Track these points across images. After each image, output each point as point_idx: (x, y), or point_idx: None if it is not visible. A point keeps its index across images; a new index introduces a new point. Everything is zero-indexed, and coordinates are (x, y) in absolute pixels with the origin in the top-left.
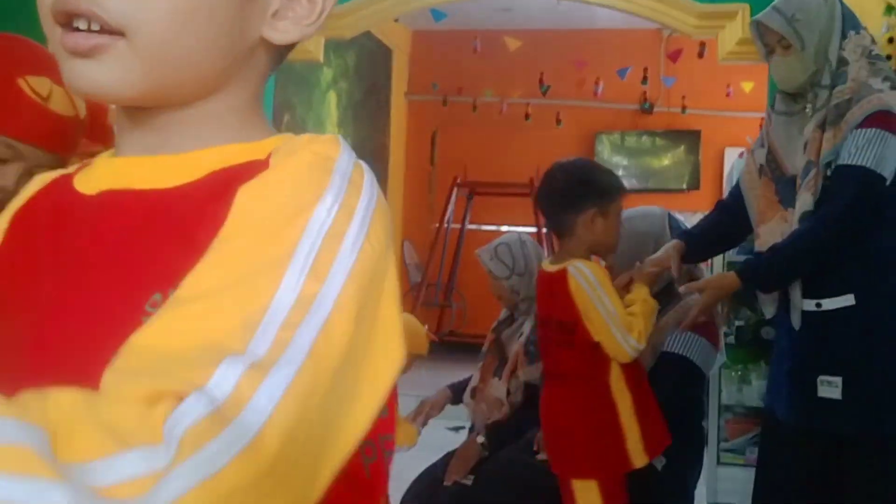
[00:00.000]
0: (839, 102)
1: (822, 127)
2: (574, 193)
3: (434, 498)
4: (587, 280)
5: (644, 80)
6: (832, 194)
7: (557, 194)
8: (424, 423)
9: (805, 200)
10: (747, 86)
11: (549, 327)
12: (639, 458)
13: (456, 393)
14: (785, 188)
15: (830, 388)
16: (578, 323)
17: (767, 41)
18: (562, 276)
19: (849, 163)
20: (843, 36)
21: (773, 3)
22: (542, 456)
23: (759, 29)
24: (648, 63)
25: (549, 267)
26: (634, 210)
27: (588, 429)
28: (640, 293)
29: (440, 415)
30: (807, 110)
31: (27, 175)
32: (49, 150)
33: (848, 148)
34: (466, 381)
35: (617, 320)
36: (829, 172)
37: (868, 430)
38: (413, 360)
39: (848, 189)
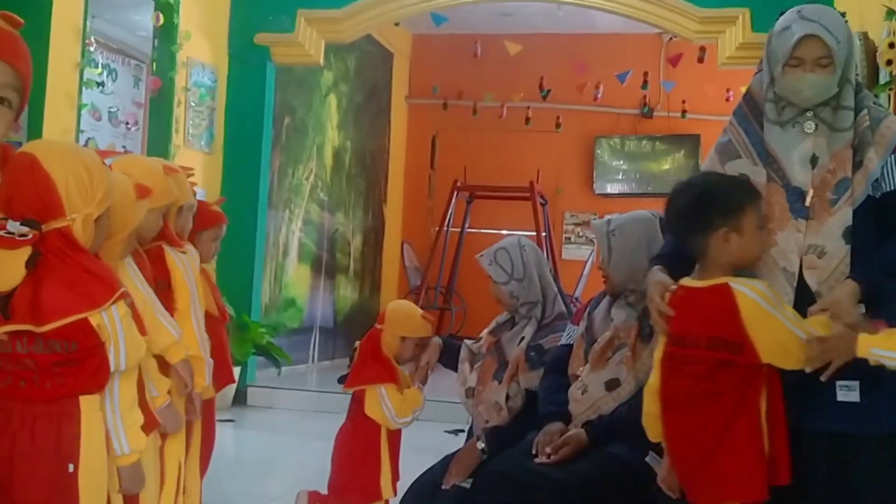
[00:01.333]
0: (868, 125)
1: (853, 147)
2: (699, 215)
3: (433, 501)
4: (766, 299)
5: (644, 84)
6: None
7: (682, 218)
8: (425, 381)
9: (846, 215)
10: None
11: (689, 345)
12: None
13: (448, 348)
14: (792, 198)
15: (849, 392)
16: (746, 343)
17: (802, 55)
18: (722, 294)
19: None
20: (855, 64)
21: (816, 20)
22: (540, 460)
23: (803, 41)
24: (648, 67)
25: (695, 283)
26: (623, 217)
27: (742, 449)
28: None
29: (438, 419)
30: (806, 127)
31: None
32: (11, 64)
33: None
34: (459, 344)
35: (802, 335)
36: (877, 193)
37: (891, 429)
38: (418, 345)
39: None
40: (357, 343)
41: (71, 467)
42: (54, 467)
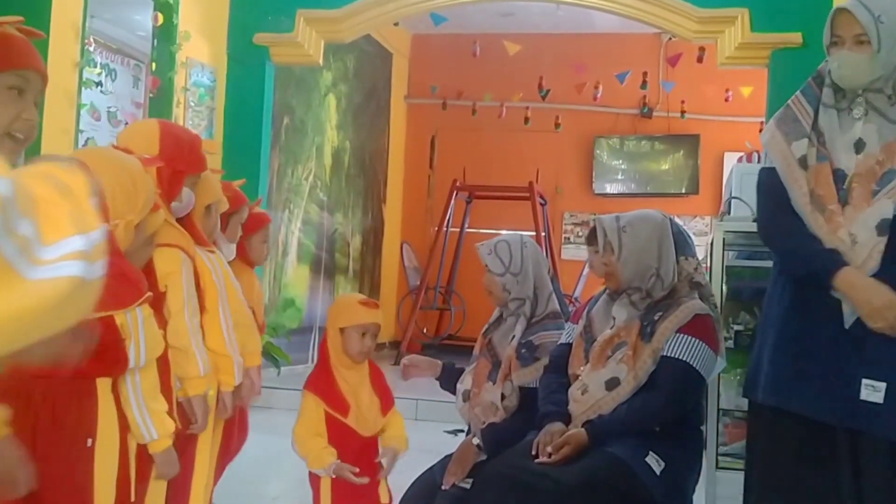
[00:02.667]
0: None
1: None
2: None
3: (432, 501)
4: None
5: (643, 84)
6: None
7: None
8: (407, 378)
9: (885, 207)
10: (746, 90)
11: None
12: None
13: (447, 371)
14: (835, 180)
15: (874, 392)
16: None
17: (841, 32)
18: None
19: None
20: None
21: None
22: (541, 460)
23: (838, 17)
24: (648, 67)
25: None
26: (633, 215)
27: None
28: None
29: (438, 419)
30: (854, 113)
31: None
32: (42, 73)
33: None
34: (461, 369)
35: None
36: None
37: None
38: (367, 334)
39: None
40: None
41: (89, 441)
42: (74, 441)
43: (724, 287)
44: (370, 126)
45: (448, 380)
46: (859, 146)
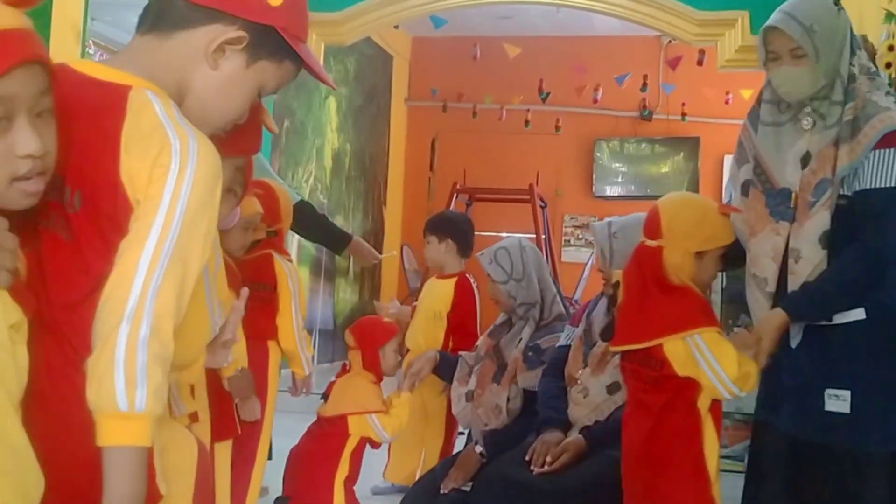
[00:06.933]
0: (850, 119)
1: (835, 144)
2: None
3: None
4: None
5: (643, 86)
6: (867, 220)
7: None
8: (412, 389)
9: (823, 219)
10: (746, 93)
11: None
12: None
13: (444, 361)
14: (776, 201)
15: (838, 401)
16: None
17: (775, 48)
18: None
19: (876, 186)
20: (853, 52)
21: (787, 11)
22: (538, 470)
23: (769, 34)
24: (648, 70)
25: None
26: (624, 219)
27: None
28: None
29: None
30: (803, 124)
31: None
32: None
33: (869, 171)
34: (456, 357)
35: None
36: (844, 189)
37: (877, 446)
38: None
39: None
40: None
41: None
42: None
43: (723, 289)
44: (370, 128)
45: (445, 369)
46: (806, 160)
